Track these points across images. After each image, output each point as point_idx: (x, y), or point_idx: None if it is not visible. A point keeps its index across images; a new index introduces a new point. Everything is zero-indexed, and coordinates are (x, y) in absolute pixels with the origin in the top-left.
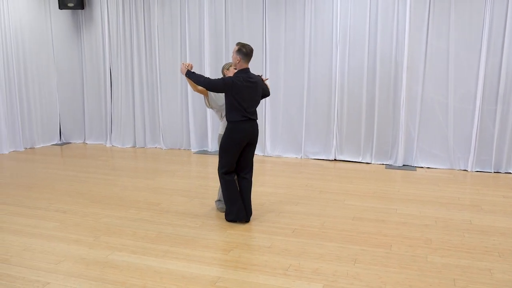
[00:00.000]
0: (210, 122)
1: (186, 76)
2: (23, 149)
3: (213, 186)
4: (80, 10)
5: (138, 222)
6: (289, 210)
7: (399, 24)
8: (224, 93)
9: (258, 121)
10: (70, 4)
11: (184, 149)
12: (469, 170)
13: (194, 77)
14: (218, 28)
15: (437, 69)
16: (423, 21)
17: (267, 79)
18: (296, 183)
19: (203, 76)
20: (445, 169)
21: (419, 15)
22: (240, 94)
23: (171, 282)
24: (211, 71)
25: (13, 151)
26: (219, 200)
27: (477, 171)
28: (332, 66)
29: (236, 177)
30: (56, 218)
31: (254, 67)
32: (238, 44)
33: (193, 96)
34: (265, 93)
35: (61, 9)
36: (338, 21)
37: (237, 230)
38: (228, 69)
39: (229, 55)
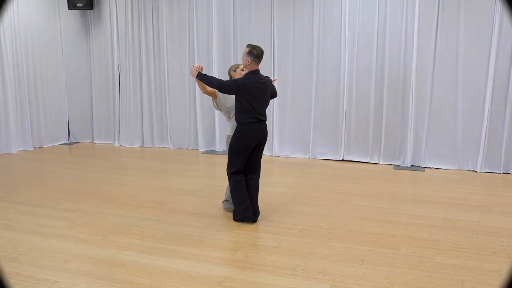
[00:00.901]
0: (217, 122)
1: (197, 78)
2: (32, 149)
3: (220, 186)
4: (89, 10)
5: (145, 222)
6: (296, 210)
7: (408, 24)
8: (234, 95)
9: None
10: (79, 4)
11: (192, 149)
12: (477, 171)
13: (205, 79)
14: (226, 29)
15: (446, 69)
16: (432, 21)
17: (275, 79)
18: (304, 183)
19: (215, 78)
20: (454, 169)
21: (428, 16)
22: (252, 96)
23: (178, 281)
24: (219, 71)
25: (22, 150)
26: (226, 200)
27: (485, 172)
28: (341, 66)
29: (244, 177)
30: (64, 217)
31: (263, 67)
32: (249, 45)
33: (201, 95)
34: (273, 94)
35: (70, 9)
36: (347, 21)
37: (245, 230)
38: (235, 71)
39: (237, 56)
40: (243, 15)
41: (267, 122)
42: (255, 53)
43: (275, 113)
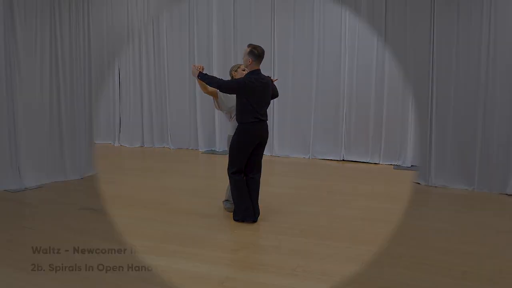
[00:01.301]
0: (217, 122)
1: (198, 78)
2: None
3: (221, 186)
4: None
5: (146, 222)
6: (297, 210)
7: None
8: (235, 95)
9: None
10: None
11: (192, 149)
12: None
13: (206, 79)
14: (226, 29)
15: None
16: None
17: (276, 79)
18: (304, 183)
19: (216, 78)
20: None
21: None
22: (252, 96)
23: (178, 281)
24: (219, 72)
25: None
26: (227, 200)
27: None
28: (341, 66)
29: (244, 177)
30: None
31: (263, 67)
32: (250, 45)
33: (201, 96)
34: (274, 93)
35: None
36: (347, 21)
37: (245, 230)
38: (236, 71)
39: (237, 56)
40: (243, 15)
41: (267, 122)
42: (256, 53)
43: (275, 113)
